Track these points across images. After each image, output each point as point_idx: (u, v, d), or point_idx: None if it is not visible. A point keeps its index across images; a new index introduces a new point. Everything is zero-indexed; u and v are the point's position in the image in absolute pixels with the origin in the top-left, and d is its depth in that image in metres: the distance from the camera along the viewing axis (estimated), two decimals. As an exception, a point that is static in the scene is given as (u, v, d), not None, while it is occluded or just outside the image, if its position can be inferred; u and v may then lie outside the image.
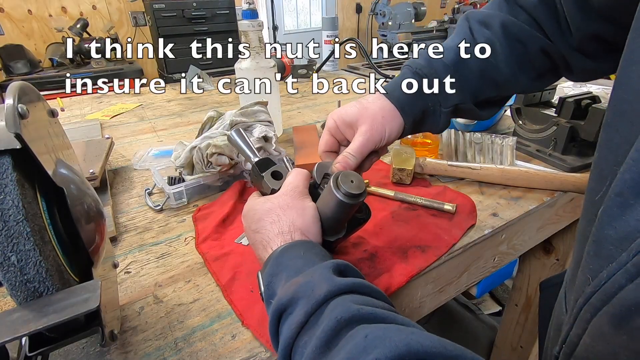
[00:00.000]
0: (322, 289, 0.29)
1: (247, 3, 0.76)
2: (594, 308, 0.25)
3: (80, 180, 0.34)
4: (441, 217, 0.55)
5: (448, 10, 4.13)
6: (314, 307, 0.28)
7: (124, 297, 0.45)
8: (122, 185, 0.71)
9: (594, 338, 0.26)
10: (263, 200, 0.41)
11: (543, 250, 0.91)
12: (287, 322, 0.30)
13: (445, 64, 0.45)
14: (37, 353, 0.29)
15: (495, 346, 1.21)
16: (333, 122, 0.46)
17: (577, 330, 0.28)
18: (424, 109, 0.46)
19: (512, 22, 0.45)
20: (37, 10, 2.55)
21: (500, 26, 0.45)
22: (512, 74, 0.46)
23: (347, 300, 0.28)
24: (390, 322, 0.27)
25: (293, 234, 0.37)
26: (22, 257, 0.26)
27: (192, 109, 1.15)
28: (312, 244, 0.36)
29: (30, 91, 0.30)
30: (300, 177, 0.42)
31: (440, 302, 0.55)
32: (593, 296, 0.25)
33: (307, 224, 0.38)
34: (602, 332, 0.25)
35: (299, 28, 3.98)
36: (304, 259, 0.34)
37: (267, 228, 0.38)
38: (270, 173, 0.44)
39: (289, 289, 0.31)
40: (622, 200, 0.24)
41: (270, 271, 0.34)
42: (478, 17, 0.47)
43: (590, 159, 0.69)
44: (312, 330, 0.28)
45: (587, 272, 0.27)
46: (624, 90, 0.27)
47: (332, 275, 0.31)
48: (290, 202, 0.39)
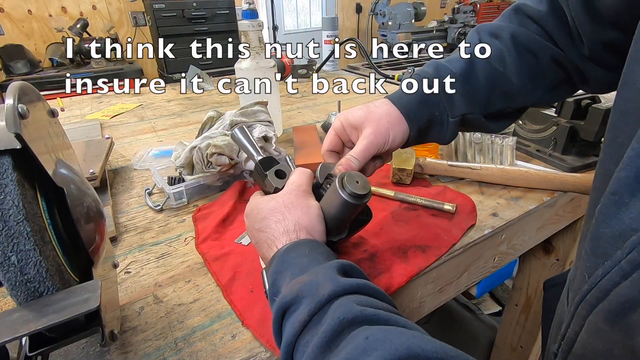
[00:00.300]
0: (326, 288, 0.29)
1: (247, 3, 0.76)
2: (590, 305, 0.25)
3: (80, 180, 0.34)
4: (441, 217, 0.55)
5: (448, 10, 4.13)
6: (318, 306, 0.29)
7: (124, 297, 0.45)
8: (122, 185, 0.71)
9: (590, 334, 0.26)
10: (267, 199, 0.40)
11: (543, 250, 0.91)
12: (290, 320, 0.30)
13: (453, 72, 0.45)
14: (37, 353, 0.29)
15: (495, 346, 1.21)
16: (339, 123, 0.46)
17: (575, 327, 0.28)
18: (430, 117, 0.46)
19: (521, 32, 0.44)
20: (37, 10, 2.55)
21: (509, 37, 0.45)
22: (524, 85, 0.46)
23: (350, 301, 0.28)
24: (393, 325, 0.27)
25: (298, 233, 0.37)
26: (22, 257, 0.26)
27: (192, 109, 1.15)
28: (317, 243, 0.36)
29: (30, 91, 0.30)
30: (303, 176, 0.42)
31: (440, 302, 0.55)
32: (589, 293, 0.26)
33: (313, 222, 0.38)
34: (598, 329, 0.25)
35: (299, 28, 3.98)
36: (309, 257, 0.34)
37: (271, 227, 0.38)
38: (274, 172, 0.44)
39: (293, 287, 0.31)
40: (617, 199, 0.24)
41: (275, 269, 0.34)
42: (488, 29, 0.47)
43: (590, 159, 0.69)
44: (314, 330, 0.28)
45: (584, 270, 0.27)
46: (629, 90, 0.27)
47: (336, 275, 0.31)
48: (295, 200, 0.39)
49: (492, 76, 0.45)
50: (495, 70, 0.45)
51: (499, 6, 4.31)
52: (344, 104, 1.12)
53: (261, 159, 0.45)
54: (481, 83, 0.45)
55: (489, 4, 4.31)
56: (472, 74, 0.45)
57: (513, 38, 0.45)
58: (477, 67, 0.45)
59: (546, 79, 0.46)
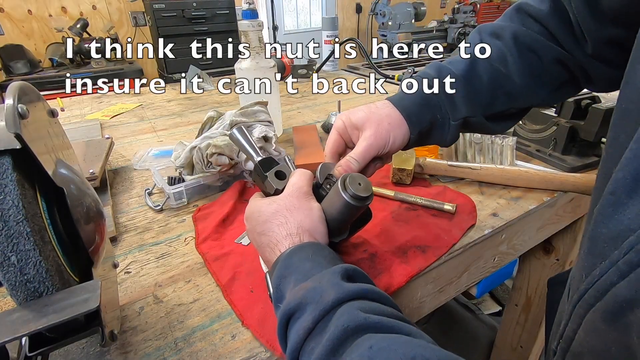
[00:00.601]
0: (330, 295, 0.29)
1: (247, 3, 0.76)
2: (588, 304, 0.26)
3: (80, 180, 0.34)
4: (441, 217, 0.55)
5: (448, 10, 4.13)
6: (322, 313, 0.28)
7: (124, 297, 0.45)
8: (122, 185, 0.71)
9: (588, 333, 0.27)
10: (268, 201, 0.40)
11: (543, 250, 0.91)
12: (294, 327, 0.30)
13: (453, 73, 0.45)
14: (37, 353, 0.29)
15: (495, 346, 1.21)
16: (341, 123, 0.46)
17: (573, 325, 0.28)
18: (432, 120, 0.45)
19: (523, 32, 0.44)
20: (37, 10, 2.55)
21: (511, 37, 0.44)
22: (526, 85, 0.45)
23: (354, 308, 0.28)
24: (397, 332, 0.27)
25: (301, 236, 0.36)
26: (22, 257, 0.26)
27: (192, 109, 1.15)
28: (320, 245, 0.36)
29: (30, 91, 0.30)
30: (304, 177, 0.41)
31: (440, 302, 0.55)
32: (587, 293, 0.26)
33: (315, 225, 0.38)
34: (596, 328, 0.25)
35: (299, 28, 3.98)
36: (312, 261, 0.34)
37: (274, 230, 0.37)
38: (274, 173, 0.44)
39: (297, 293, 0.31)
40: (615, 199, 0.24)
41: (279, 273, 0.34)
42: (489, 29, 0.47)
43: (590, 159, 0.69)
44: (319, 337, 0.28)
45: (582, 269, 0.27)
46: (631, 89, 0.27)
47: (340, 280, 0.31)
48: (297, 203, 0.38)
49: (495, 77, 0.45)
50: (497, 71, 0.45)
51: (499, 6, 4.31)
52: (344, 104, 1.12)
53: (260, 160, 0.45)
54: (483, 84, 0.45)
55: (489, 4, 4.31)
56: (474, 75, 0.45)
57: (514, 38, 0.44)
58: (478, 68, 0.45)
59: (549, 79, 0.46)
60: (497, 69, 0.45)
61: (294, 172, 0.42)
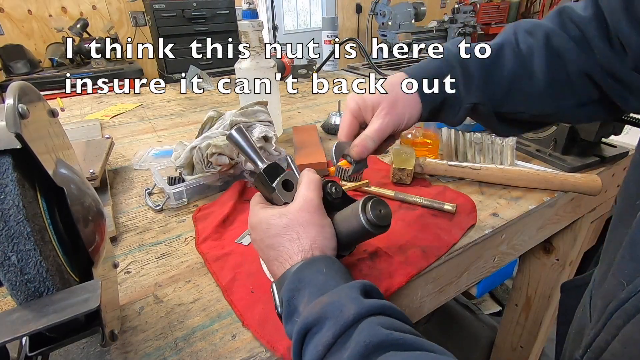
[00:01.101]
0: (350, 310, 0.28)
1: (247, 3, 0.76)
2: (628, 314, 0.24)
3: (81, 180, 0.34)
4: (441, 217, 0.55)
5: (448, 10, 4.13)
6: (342, 328, 0.28)
7: (124, 297, 0.45)
8: (122, 185, 0.71)
9: (626, 344, 0.25)
10: (277, 214, 0.38)
11: (543, 250, 0.91)
12: (312, 342, 0.29)
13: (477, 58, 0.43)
14: (38, 353, 0.29)
15: (495, 346, 1.21)
16: (355, 104, 0.45)
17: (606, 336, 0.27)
18: (445, 97, 0.44)
19: (556, 33, 0.42)
20: (37, 10, 2.55)
21: (543, 35, 0.42)
22: (545, 89, 0.43)
23: (374, 324, 0.27)
24: (419, 349, 0.26)
25: (314, 251, 0.36)
26: (23, 257, 0.26)
27: (192, 109, 1.15)
28: (332, 259, 0.36)
29: (31, 91, 0.30)
30: (313, 186, 0.39)
31: (440, 302, 0.55)
32: (627, 302, 0.24)
33: (327, 241, 0.37)
34: (635, 339, 0.24)
35: (299, 28, 3.98)
36: (325, 275, 0.33)
37: (285, 245, 0.36)
38: (281, 184, 0.41)
39: (314, 308, 0.30)
40: None
41: (291, 286, 0.33)
42: (526, 26, 0.45)
43: (590, 159, 0.69)
44: (339, 353, 0.27)
45: (620, 277, 0.26)
46: None
47: (359, 296, 0.30)
48: (309, 218, 0.37)
49: (517, 73, 0.43)
50: (522, 67, 0.43)
51: (499, 6, 4.31)
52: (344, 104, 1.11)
53: (265, 169, 0.42)
54: (504, 76, 0.43)
55: (489, 4, 4.31)
56: (497, 63, 0.44)
57: (547, 38, 0.42)
58: (504, 58, 0.44)
59: (571, 91, 0.43)
60: (522, 64, 0.43)
61: (302, 182, 0.40)
